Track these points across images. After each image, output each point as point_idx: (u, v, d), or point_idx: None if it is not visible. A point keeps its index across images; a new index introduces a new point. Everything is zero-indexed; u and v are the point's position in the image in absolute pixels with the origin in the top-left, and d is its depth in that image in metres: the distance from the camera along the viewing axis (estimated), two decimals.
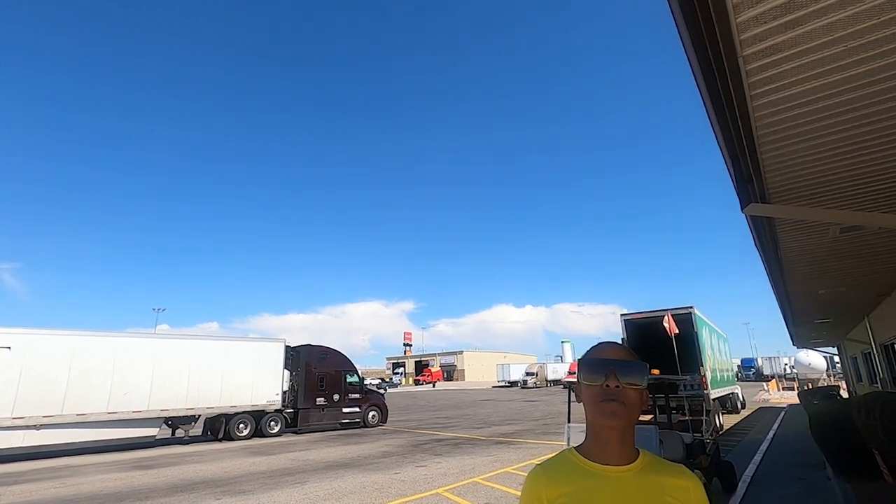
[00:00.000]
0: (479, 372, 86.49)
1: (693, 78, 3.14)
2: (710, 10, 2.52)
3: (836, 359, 35.03)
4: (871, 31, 2.62)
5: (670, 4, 2.59)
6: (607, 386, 1.08)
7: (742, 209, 4.80)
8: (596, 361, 1.12)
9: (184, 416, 14.85)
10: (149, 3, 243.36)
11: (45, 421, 12.39)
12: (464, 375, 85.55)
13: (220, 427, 15.67)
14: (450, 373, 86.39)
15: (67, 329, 13.51)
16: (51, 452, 12.93)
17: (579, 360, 1.19)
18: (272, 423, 16.57)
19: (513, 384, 60.23)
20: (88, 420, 12.99)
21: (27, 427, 12.16)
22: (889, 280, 9.31)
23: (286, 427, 17.08)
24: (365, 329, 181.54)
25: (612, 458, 1.08)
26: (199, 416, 15.32)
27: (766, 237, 6.46)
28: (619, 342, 1.18)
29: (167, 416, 14.48)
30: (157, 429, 14.35)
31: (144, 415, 13.94)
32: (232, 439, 15.52)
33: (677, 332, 12.57)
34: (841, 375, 38.61)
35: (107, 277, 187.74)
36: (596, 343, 1.21)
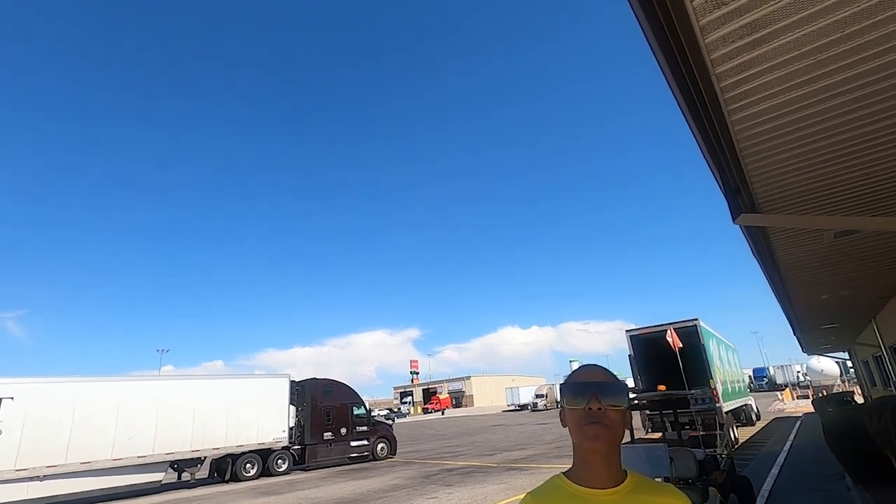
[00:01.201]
0: (488, 396, 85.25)
1: (672, 95, 3.23)
2: (678, 31, 2.61)
3: (849, 363, 34.57)
4: (837, 45, 2.71)
5: (641, 26, 2.69)
6: (589, 409, 1.09)
7: (734, 220, 4.84)
8: (577, 385, 1.14)
9: (189, 459, 14.65)
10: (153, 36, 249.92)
11: (49, 471, 12.21)
12: (473, 401, 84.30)
13: (226, 468, 15.41)
14: (458, 399, 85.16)
15: (69, 376, 13.47)
16: (56, 503, 12.68)
17: (561, 385, 1.20)
18: (279, 461, 16.31)
19: (523, 407, 59.24)
20: (93, 468, 12.82)
21: (31, 478, 11.99)
22: (890, 281, 9.27)
23: (294, 464, 16.81)
24: (371, 359, 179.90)
25: (599, 481, 1.09)
26: (205, 457, 15.10)
27: (762, 246, 6.48)
28: (599, 365, 1.20)
29: (173, 459, 14.27)
30: (163, 473, 14.14)
31: (150, 459, 13.75)
32: (239, 480, 15.25)
33: (681, 346, 12.47)
34: (855, 380, 38.00)
35: (110, 320, 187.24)
36: (577, 367, 1.22)
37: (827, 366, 42.66)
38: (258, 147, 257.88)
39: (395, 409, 71.86)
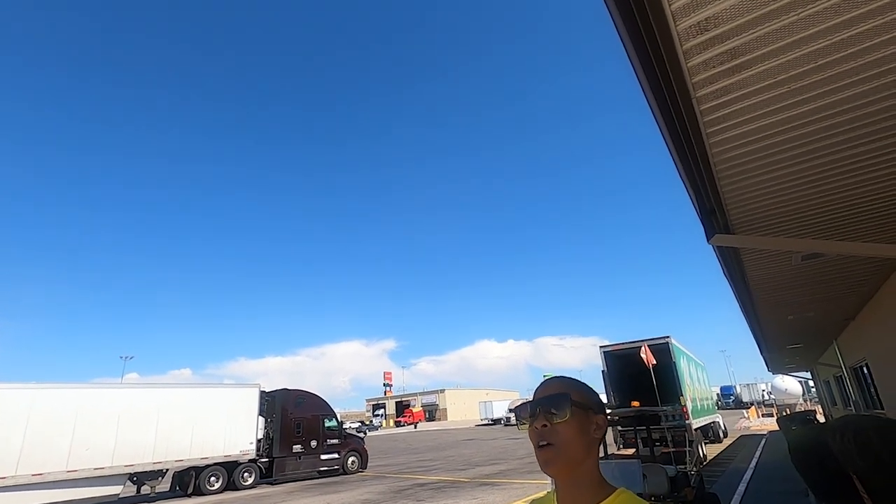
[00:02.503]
0: (462, 410, 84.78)
1: (653, 116, 3.32)
2: (662, 55, 2.69)
3: (811, 383, 35.65)
4: (810, 75, 2.83)
5: (625, 47, 2.76)
6: (536, 427, 1.03)
7: (708, 240, 4.97)
8: (522, 406, 1.09)
9: (150, 471, 14.03)
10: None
11: None
12: (446, 415, 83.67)
13: (189, 481, 14.82)
14: (431, 412, 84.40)
15: (23, 382, 12.82)
16: None
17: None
18: (246, 474, 15.80)
19: (496, 422, 59.10)
20: (45, 480, 12.15)
21: None
22: (852, 304, 9.65)
23: (261, 478, 16.30)
24: (345, 370, 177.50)
25: (571, 501, 1.03)
26: (167, 470, 14.52)
27: (734, 266, 6.67)
28: (557, 377, 1.13)
29: (132, 471, 13.66)
30: (122, 486, 13.50)
31: (108, 471, 13.13)
32: (202, 494, 14.69)
33: (654, 362, 12.66)
34: (816, 399, 39.22)
35: (71, 325, 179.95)
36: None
37: (790, 385, 43.95)
38: (229, 148, 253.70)
39: (367, 422, 70.72)
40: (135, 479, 13.96)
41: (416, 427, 67.09)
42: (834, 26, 2.50)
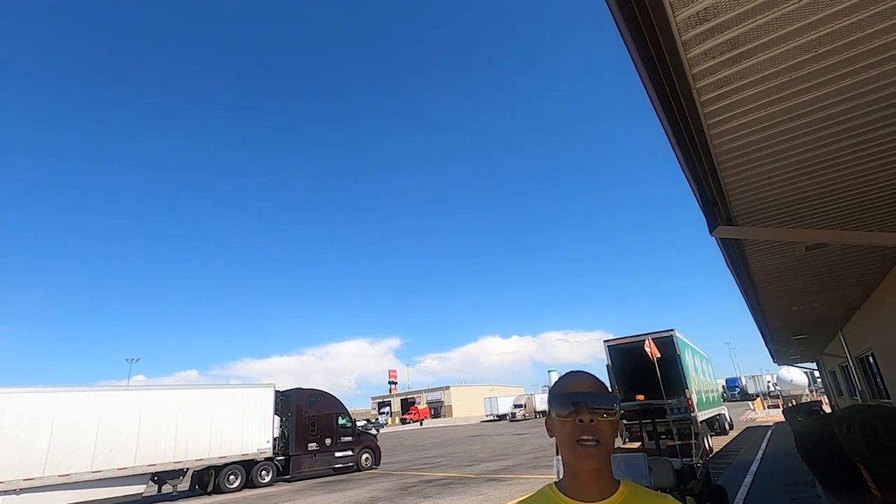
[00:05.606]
0: (467, 407, 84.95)
1: (653, 109, 3.30)
2: (661, 47, 2.67)
3: (817, 374, 35.53)
4: (812, 63, 2.81)
5: (623, 38, 2.74)
6: (580, 421, 1.04)
7: (710, 232, 4.96)
8: (567, 395, 1.08)
9: (171, 471, 14.23)
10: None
11: (26, 484, 11.76)
12: (451, 411, 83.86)
13: (209, 480, 15.06)
14: (437, 409, 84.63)
15: (47, 386, 13.01)
16: None
17: (549, 393, 1.15)
18: (263, 472, 15.98)
19: (501, 417, 59.26)
20: (72, 481, 12.37)
21: (6, 492, 11.53)
22: (857, 294, 9.60)
23: (278, 475, 16.49)
24: (351, 369, 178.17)
25: (589, 494, 1.05)
26: (188, 469, 14.70)
27: (737, 258, 6.64)
28: (588, 371, 1.15)
29: (154, 471, 13.86)
30: (144, 485, 13.70)
31: (130, 471, 13.34)
32: (222, 492, 14.89)
33: (659, 356, 12.64)
34: (822, 390, 39.10)
35: (77, 329, 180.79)
36: (564, 374, 1.16)
37: (796, 376, 43.77)
38: (232, 151, 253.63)
39: (373, 420, 70.96)
40: (156, 478, 14.15)
41: (421, 424, 67.32)
42: (836, 13, 2.48)
